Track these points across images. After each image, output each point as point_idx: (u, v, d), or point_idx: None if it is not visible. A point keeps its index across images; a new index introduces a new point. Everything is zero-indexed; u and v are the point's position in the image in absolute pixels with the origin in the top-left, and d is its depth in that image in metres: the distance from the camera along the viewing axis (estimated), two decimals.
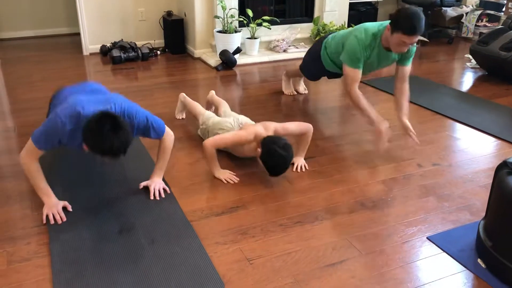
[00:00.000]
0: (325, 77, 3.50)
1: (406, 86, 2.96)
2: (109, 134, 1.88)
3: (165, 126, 2.33)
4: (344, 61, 2.87)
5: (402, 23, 2.54)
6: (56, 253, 1.89)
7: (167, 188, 2.36)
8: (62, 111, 2.04)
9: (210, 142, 2.49)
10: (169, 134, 2.36)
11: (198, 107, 3.03)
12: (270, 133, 2.49)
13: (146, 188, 2.36)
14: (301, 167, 2.64)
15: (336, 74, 3.32)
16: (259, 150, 2.41)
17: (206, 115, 2.89)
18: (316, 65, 3.31)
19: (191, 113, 3.11)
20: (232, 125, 2.70)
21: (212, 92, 3.29)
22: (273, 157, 2.35)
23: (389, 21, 2.70)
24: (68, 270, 1.80)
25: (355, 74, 2.83)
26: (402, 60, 2.93)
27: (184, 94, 3.25)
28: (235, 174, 2.53)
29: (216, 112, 3.07)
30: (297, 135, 2.69)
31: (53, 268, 1.80)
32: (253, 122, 2.77)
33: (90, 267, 1.82)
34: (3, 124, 3.15)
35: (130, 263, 1.85)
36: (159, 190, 2.33)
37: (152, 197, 2.29)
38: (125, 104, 2.16)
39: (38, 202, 2.25)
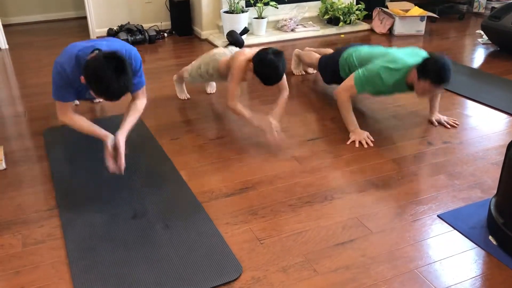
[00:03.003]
0: None
1: (439, 93, 2.92)
2: (112, 77, 1.90)
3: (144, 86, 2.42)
4: (356, 79, 2.70)
5: (431, 73, 2.44)
6: (71, 241, 1.90)
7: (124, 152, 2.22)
8: (59, 58, 2.16)
9: (229, 102, 2.58)
10: (145, 96, 2.42)
11: (185, 67, 3.14)
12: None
13: (155, 174, 2.37)
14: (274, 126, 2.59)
15: None
16: (251, 64, 2.47)
17: (193, 62, 3.02)
18: (332, 75, 3.18)
19: (179, 76, 3.21)
20: (222, 50, 2.84)
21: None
22: (265, 63, 2.41)
23: (420, 57, 2.60)
24: (84, 257, 1.81)
25: (355, 92, 2.73)
26: None
27: (175, 75, 3.34)
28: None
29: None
30: (279, 87, 2.73)
31: (70, 256, 1.82)
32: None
33: (107, 254, 1.83)
34: (13, 109, 3.17)
35: (147, 248, 1.86)
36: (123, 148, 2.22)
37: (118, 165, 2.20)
38: (122, 42, 2.26)
39: (50, 185, 2.28)
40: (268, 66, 2.41)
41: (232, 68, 2.60)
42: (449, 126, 2.87)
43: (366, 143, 2.66)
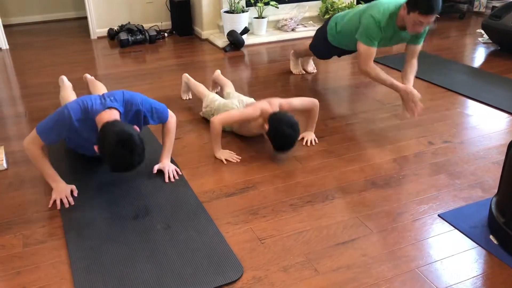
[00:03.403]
0: (335, 56, 3.46)
1: (415, 62, 2.96)
2: (127, 158, 1.91)
3: (168, 109, 2.36)
4: (360, 38, 2.83)
5: (419, 2, 2.49)
6: (72, 241, 1.90)
7: (178, 170, 2.38)
8: (70, 103, 2.10)
9: (218, 119, 2.50)
10: (172, 117, 2.39)
11: (201, 88, 3.04)
12: (275, 108, 2.51)
13: (158, 172, 2.37)
14: (311, 141, 2.67)
15: (346, 51, 3.29)
16: (266, 126, 2.43)
17: (211, 98, 2.88)
18: (324, 44, 3.27)
19: (196, 95, 3.12)
20: (237, 106, 2.73)
21: (218, 72, 3.29)
22: (280, 135, 2.39)
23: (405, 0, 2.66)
24: (85, 257, 1.81)
25: (371, 51, 2.81)
26: (414, 38, 2.88)
27: (187, 75, 3.26)
28: (235, 153, 2.54)
29: (221, 92, 3.07)
30: (303, 110, 2.70)
31: (71, 256, 1.82)
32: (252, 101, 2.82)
33: (108, 254, 1.83)
34: (14, 110, 3.18)
35: (148, 248, 1.86)
36: (173, 172, 2.35)
37: (167, 180, 2.31)
38: (128, 94, 2.21)
39: (51, 186, 2.28)
40: (283, 138, 2.40)
41: (246, 108, 2.56)
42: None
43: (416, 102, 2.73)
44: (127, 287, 1.67)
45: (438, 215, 2.05)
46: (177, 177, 2.34)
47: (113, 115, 2.06)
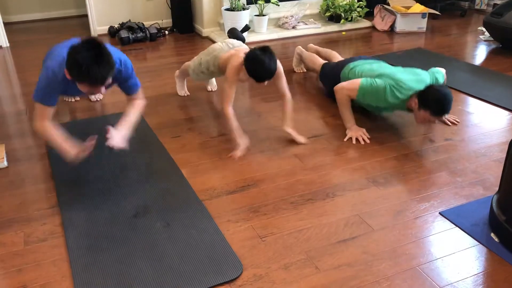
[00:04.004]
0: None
1: None
2: (92, 59, 1.88)
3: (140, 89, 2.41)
4: (361, 86, 2.66)
5: (431, 104, 2.43)
6: (72, 239, 1.91)
7: (122, 146, 2.16)
8: (51, 62, 2.11)
9: (224, 106, 2.55)
10: (143, 97, 2.42)
11: (187, 63, 3.13)
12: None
13: (158, 172, 2.37)
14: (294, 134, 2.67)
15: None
16: (243, 67, 2.46)
17: (194, 58, 3.02)
18: (332, 86, 3.07)
19: (182, 73, 3.21)
20: (221, 45, 2.80)
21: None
22: (253, 61, 2.40)
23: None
24: (85, 255, 1.81)
25: (354, 97, 2.71)
26: None
27: (177, 71, 3.33)
28: (234, 149, 2.54)
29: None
30: (279, 91, 2.70)
31: (70, 254, 1.83)
32: (245, 46, 2.84)
33: (107, 252, 1.83)
34: (15, 108, 3.18)
35: (147, 246, 1.86)
36: (115, 143, 2.13)
37: (106, 143, 2.11)
38: (113, 48, 2.23)
39: (51, 183, 2.28)
40: (256, 62, 2.40)
41: (226, 71, 2.58)
42: (449, 123, 2.86)
43: (363, 139, 2.66)
44: (126, 285, 1.67)
45: (439, 213, 2.05)
46: (116, 149, 2.16)
47: None
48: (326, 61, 3.37)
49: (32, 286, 1.68)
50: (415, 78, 2.62)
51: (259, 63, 2.39)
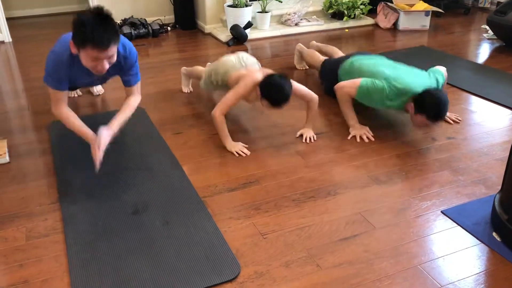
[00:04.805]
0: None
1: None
2: (96, 20, 1.91)
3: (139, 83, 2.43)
4: (361, 86, 2.64)
5: (428, 108, 2.43)
6: (71, 235, 1.90)
7: (106, 146, 2.18)
8: (55, 46, 2.16)
9: (217, 110, 2.50)
10: (139, 93, 2.43)
11: (199, 68, 3.08)
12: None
13: (157, 168, 2.37)
14: (310, 138, 2.65)
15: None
16: (259, 92, 2.43)
17: (207, 65, 2.95)
18: (330, 83, 3.08)
19: (196, 77, 3.16)
20: (234, 61, 2.72)
21: (208, 64, 3.30)
22: (271, 86, 2.38)
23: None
24: (83, 251, 1.81)
25: (353, 95, 2.69)
26: None
27: (184, 67, 3.31)
28: (247, 146, 2.54)
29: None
30: (302, 99, 2.67)
31: (68, 250, 1.82)
32: (258, 64, 2.79)
33: (105, 248, 1.83)
34: (17, 103, 3.18)
35: (145, 244, 1.86)
36: (101, 144, 2.16)
37: (93, 151, 2.16)
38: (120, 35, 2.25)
39: (53, 179, 2.28)
40: (274, 88, 2.37)
41: (239, 84, 2.53)
42: (451, 122, 2.86)
43: (367, 137, 2.66)
44: (122, 282, 1.67)
45: (441, 212, 2.04)
46: (98, 152, 2.13)
47: None
48: (326, 58, 3.36)
49: (34, 281, 1.68)
50: (414, 80, 2.60)
51: (278, 89, 2.38)
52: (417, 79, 2.62)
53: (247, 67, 2.70)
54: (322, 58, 3.37)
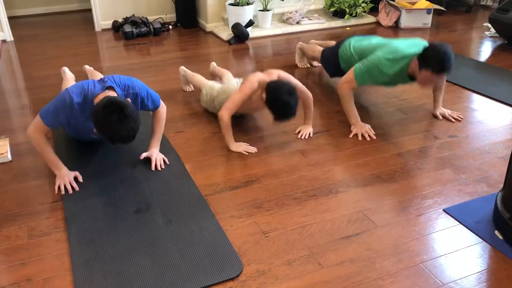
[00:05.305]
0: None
1: (443, 86, 2.93)
2: (116, 125, 1.91)
3: (160, 98, 2.43)
4: (356, 71, 2.67)
5: (432, 62, 2.40)
6: (74, 234, 1.91)
7: (166, 159, 2.40)
8: (71, 87, 2.14)
9: (224, 111, 2.49)
10: (163, 106, 2.45)
11: (199, 78, 3.07)
12: (274, 78, 2.49)
13: (153, 164, 2.37)
14: (307, 134, 2.67)
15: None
16: (264, 95, 2.39)
17: (210, 85, 2.90)
18: (334, 62, 3.15)
19: (194, 85, 3.15)
20: (237, 84, 2.74)
21: (213, 64, 3.33)
22: (279, 102, 2.33)
23: (419, 44, 2.57)
24: (86, 250, 1.81)
25: (355, 85, 2.70)
26: None
27: (183, 67, 3.31)
28: (249, 144, 2.55)
29: (221, 82, 3.08)
30: (299, 96, 2.65)
31: (71, 249, 1.83)
32: None
33: (108, 247, 1.84)
34: (18, 102, 3.18)
35: (148, 243, 1.86)
36: (160, 161, 2.38)
37: (153, 168, 2.34)
38: (126, 77, 2.26)
39: (55, 178, 2.28)
40: (281, 106, 2.33)
41: (244, 84, 2.51)
42: (453, 120, 2.85)
43: (369, 135, 2.65)
44: (125, 281, 1.67)
45: (443, 210, 2.04)
46: (163, 166, 2.36)
47: (110, 94, 2.10)
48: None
49: (36, 279, 1.69)
50: (410, 43, 2.62)
51: (285, 109, 2.33)
52: (407, 42, 2.65)
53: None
54: (321, 48, 3.43)
